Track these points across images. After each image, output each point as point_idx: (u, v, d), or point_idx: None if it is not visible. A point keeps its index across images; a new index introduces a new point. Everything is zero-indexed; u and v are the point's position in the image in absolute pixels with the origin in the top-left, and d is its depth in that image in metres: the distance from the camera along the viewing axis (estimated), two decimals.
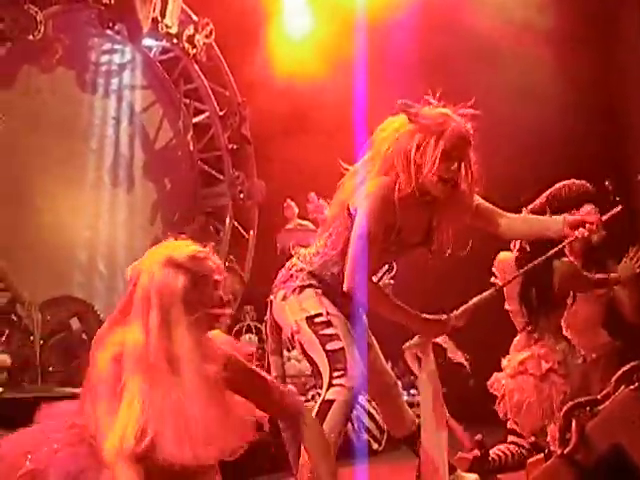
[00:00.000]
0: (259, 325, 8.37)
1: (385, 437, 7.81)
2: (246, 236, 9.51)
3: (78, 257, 8.21)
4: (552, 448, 5.20)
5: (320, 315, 4.23)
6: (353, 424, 6.56)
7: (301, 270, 4.38)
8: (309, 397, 7.64)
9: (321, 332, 4.21)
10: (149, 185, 9.21)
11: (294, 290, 4.35)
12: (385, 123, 4.33)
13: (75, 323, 7.52)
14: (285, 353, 8.16)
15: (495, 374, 6.33)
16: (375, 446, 7.56)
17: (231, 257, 9.25)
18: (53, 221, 7.96)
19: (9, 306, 7.19)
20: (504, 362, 6.37)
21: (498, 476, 5.92)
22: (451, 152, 4.11)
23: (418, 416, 4.72)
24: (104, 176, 8.67)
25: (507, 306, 6.46)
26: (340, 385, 4.11)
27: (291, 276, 4.40)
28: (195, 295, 3.32)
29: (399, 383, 4.88)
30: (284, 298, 4.38)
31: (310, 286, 4.33)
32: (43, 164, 7.94)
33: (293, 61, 9.44)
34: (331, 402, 4.11)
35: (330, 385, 4.13)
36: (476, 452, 5.90)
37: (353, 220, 4.26)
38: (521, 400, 6.02)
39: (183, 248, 3.55)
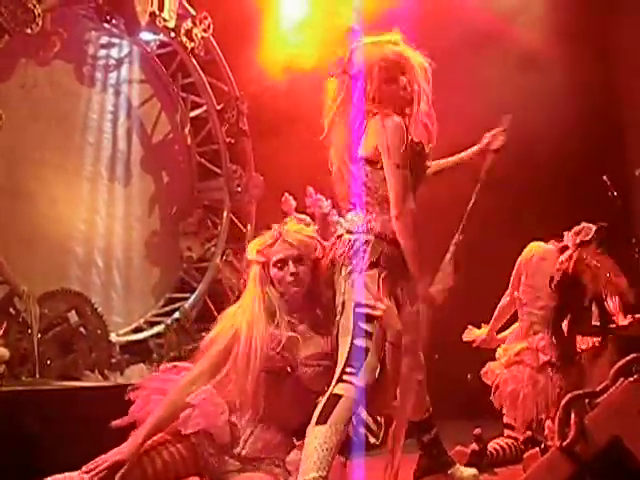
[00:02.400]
0: None
1: (383, 431, 7.82)
2: (243, 230, 9.51)
3: (75, 250, 8.21)
4: (548, 443, 5.22)
5: (368, 307, 4.20)
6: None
7: (367, 242, 4.32)
8: None
9: (360, 323, 4.19)
10: (146, 179, 9.20)
11: (366, 266, 4.29)
12: None
13: (73, 316, 7.52)
14: None
15: (489, 364, 6.34)
16: (372, 440, 7.56)
17: (228, 251, 9.25)
18: (51, 214, 7.96)
19: (7, 299, 7.18)
20: (499, 351, 6.37)
21: (495, 470, 5.94)
22: (388, 75, 4.42)
23: None
24: (101, 170, 8.66)
25: (516, 293, 6.48)
26: (350, 383, 4.11)
27: (356, 251, 4.33)
28: None
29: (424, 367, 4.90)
30: (350, 273, 4.31)
31: (380, 257, 4.27)
32: (41, 157, 7.93)
33: (291, 55, 9.43)
34: (339, 397, 4.11)
35: (340, 380, 4.13)
36: (474, 446, 5.92)
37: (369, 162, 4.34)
38: (516, 390, 6.04)
39: None
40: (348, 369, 4.15)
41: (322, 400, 4.17)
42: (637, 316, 5.96)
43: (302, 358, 4.15)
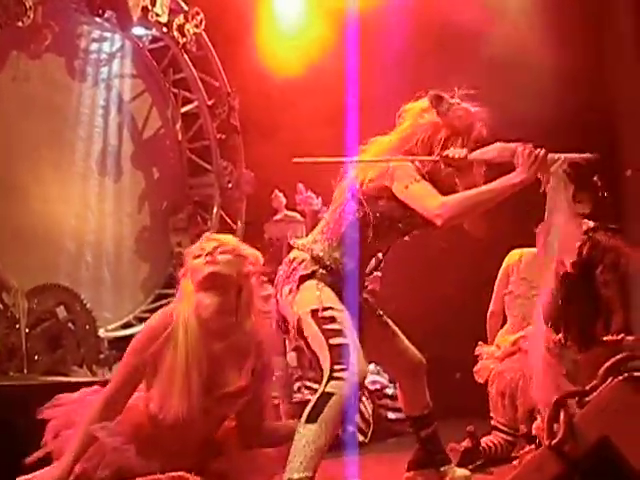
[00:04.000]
0: None
1: (371, 429, 7.82)
2: (234, 226, 9.49)
3: (65, 245, 8.18)
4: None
5: (325, 309, 4.26)
6: None
7: (302, 261, 4.43)
8: (295, 389, 7.64)
9: (325, 326, 4.23)
10: (137, 174, 9.18)
11: (299, 280, 4.38)
12: (410, 106, 4.61)
13: (62, 312, 7.50)
14: None
15: (481, 361, 6.33)
16: (361, 438, 7.56)
17: None
18: (41, 209, 7.93)
19: None
20: (492, 348, 6.35)
21: (491, 469, 5.94)
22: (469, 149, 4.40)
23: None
24: (92, 164, 8.63)
25: (505, 291, 6.48)
26: (341, 379, 4.11)
27: (294, 269, 4.44)
28: None
29: (424, 362, 4.93)
30: (290, 292, 4.40)
31: (313, 274, 4.38)
32: (31, 151, 7.90)
33: (284, 51, 9.43)
34: (330, 395, 4.10)
35: (331, 378, 4.13)
36: (467, 443, 5.92)
37: (357, 203, 4.41)
38: (514, 379, 6.02)
39: None
40: (337, 366, 4.15)
41: (313, 398, 4.17)
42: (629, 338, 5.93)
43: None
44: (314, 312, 4.27)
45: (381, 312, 4.81)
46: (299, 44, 9.52)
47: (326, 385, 4.14)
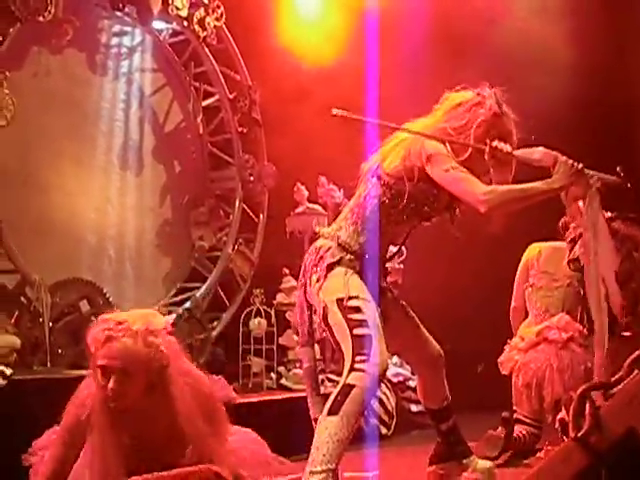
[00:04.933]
0: (268, 309, 8.37)
1: (394, 422, 7.82)
2: (255, 219, 9.49)
3: (87, 240, 8.20)
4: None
5: (350, 299, 4.27)
6: None
7: (329, 248, 4.44)
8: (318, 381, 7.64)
9: (350, 316, 4.25)
10: (158, 168, 9.19)
11: (327, 269, 4.39)
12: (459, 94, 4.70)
13: (84, 306, 7.53)
14: (295, 337, 8.22)
15: (505, 352, 6.30)
16: (384, 431, 7.57)
17: (240, 240, 9.24)
18: (63, 203, 7.95)
19: (19, 288, 7.18)
20: (515, 340, 6.34)
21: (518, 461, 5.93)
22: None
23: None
24: (113, 159, 8.65)
25: (526, 284, 6.47)
26: (362, 370, 4.12)
27: (321, 257, 4.45)
28: None
29: (442, 354, 4.94)
30: (317, 280, 4.42)
31: (341, 261, 4.39)
32: (53, 146, 7.93)
33: (305, 43, 9.43)
34: (352, 387, 4.12)
35: (352, 369, 4.15)
36: (502, 430, 5.93)
37: (385, 184, 4.42)
38: (541, 369, 6.00)
39: None
40: (358, 357, 4.16)
41: (335, 390, 4.18)
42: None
43: None
44: (340, 301, 4.29)
45: (404, 303, 4.82)
46: (319, 35, 9.51)
47: (347, 377, 4.15)
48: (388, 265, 4.88)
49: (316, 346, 5.02)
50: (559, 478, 2.15)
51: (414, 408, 7.98)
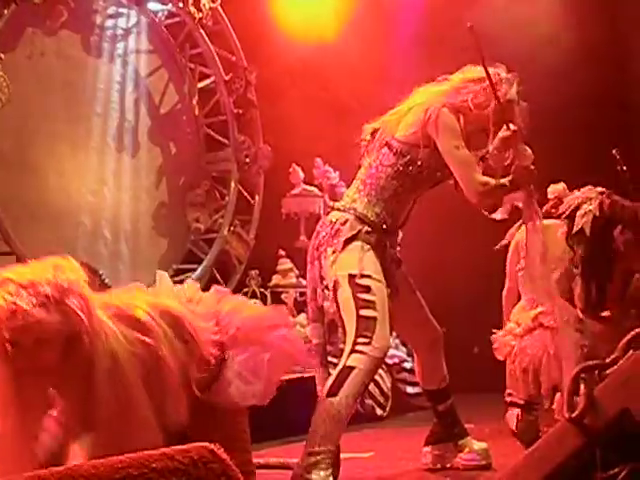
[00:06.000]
0: (264, 291, 8.38)
1: (390, 404, 7.84)
2: (251, 201, 9.49)
3: (83, 222, 8.20)
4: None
5: (362, 277, 4.26)
6: None
7: (346, 221, 4.42)
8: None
9: (359, 295, 4.25)
10: (154, 150, 9.18)
11: (344, 242, 4.38)
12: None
13: None
14: (291, 318, 8.23)
15: (499, 338, 6.30)
16: (379, 412, 7.58)
17: (236, 222, 9.24)
18: (58, 185, 7.95)
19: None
20: (510, 325, 6.33)
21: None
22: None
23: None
24: (109, 140, 8.63)
25: (518, 266, 6.46)
26: (362, 352, 4.13)
27: (337, 230, 4.43)
28: None
29: (442, 336, 4.96)
30: (333, 252, 4.40)
31: (358, 234, 4.38)
32: (48, 128, 7.92)
33: (301, 24, 9.40)
34: (352, 368, 4.13)
35: (352, 351, 4.15)
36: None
37: (398, 152, 4.42)
38: (537, 355, 5.99)
39: None
40: (360, 339, 4.17)
41: (334, 372, 4.19)
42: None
43: None
44: (352, 277, 4.29)
45: (411, 280, 4.82)
46: (315, 16, 9.48)
47: (348, 358, 4.16)
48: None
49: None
50: (554, 458, 2.16)
51: (409, 390, 8.00)
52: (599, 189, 5.65)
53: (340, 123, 8.05)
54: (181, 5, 8.88)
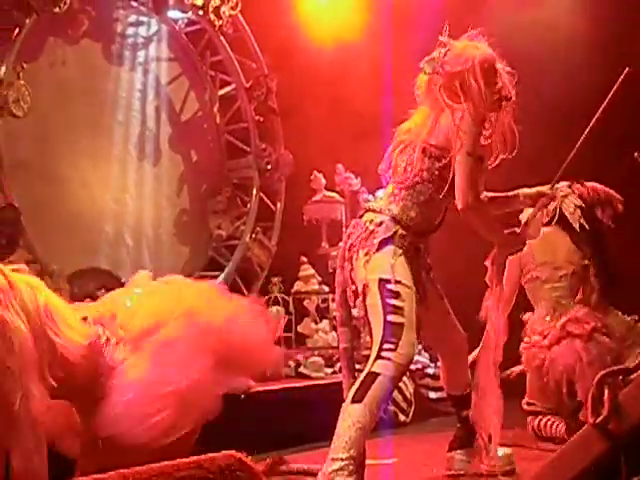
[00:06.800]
0: (286, 297, 8.38)
1: (412, 409, 7.81)
2: (273, 208, 9.50)
3: (105, 229, 8.23)
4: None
5: (393, 282, 4.24)
6: None
7: (381, 223, 4.40)
8: (336, 369, 7.64)
9: (387, 300, 4.23)
10: (175, 158, 9.21)
11: (379, 244, 4.36)
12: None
13: (102, 295, 7.54)
14: (312, 325, 8.24)
15: (527, 350, 6.23)
16: (402, 418, 7.55)
17: (258, 229, 9.25)
18: (81, 194, 7.98)
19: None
20: (535, 337, 6.26)
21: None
22: (488, 78, 4.38)
23: None
24: (131, 149, 8.67)
25: (533, 274, 6.41)
26: (388, 359, 4.11)
27: (372, 232, 4.40)
28: None
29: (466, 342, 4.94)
30: (366, 254, 4.38)
31: (393, 237, 4.36)
32: (70, 137, 7.95)
33: (321, 30, 9.41)
34: (376, 375, 4.11)
35: (378, 357, 4.14)
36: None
37: (431, 157, 4.40)
38: (569, 364, 5.96)
39: None
40: (385, 345, 4.15)
41: (360, 378, 4.18)
42: None
43: None
44: (382, 282, 4.27)
45: (439, 286, 4.80)
46: (335, 23, 9.49)
47: (372, 364, 4.15)
48: None
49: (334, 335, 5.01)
50: (578, 463, 2.15)
51: (432, 395, 7.97)
52: (564, 183, 5.76)
53: (361, 129, 8.05)
54: (201, 13, 8.90)
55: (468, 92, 4.35)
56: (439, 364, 5.15)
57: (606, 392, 2.20)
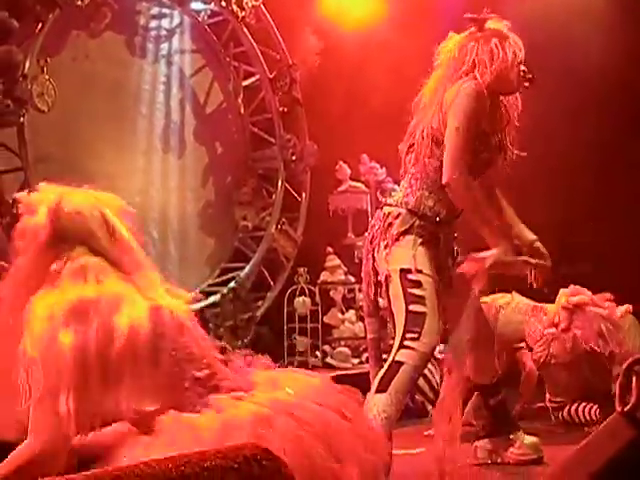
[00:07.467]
0: (312, 288, 8.38)
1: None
2: (298, 198, 9.48)
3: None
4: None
5: (414, 272, 4.24)
6: None
7: (398, 215, 4.40)
8: (363, 359, 7.65)
9: (409, 290, 4.24)
10: (200, 149, 9.21)
11: (396, 236, 4.36)
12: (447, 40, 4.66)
13: None
14: (339, 315, 8.23)
15: (555, 340, 6.19)
16: (429, 407, 7.54)
17: (283, 219, 9.24)
18: (105, 187, 7.91)
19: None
20: (550, 330, 6.22)
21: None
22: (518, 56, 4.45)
23: None
24: (155, 141, 8.68)
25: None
26: (411, 348, 4.11)
27: (390, 224, 4.42)
28: None
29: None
30: (386, 247, 4.39)
31: (411, 228, 4.35)
32: (95, 129, 7.96)
33: (345, 20, 9.38)
34: (400, 364, 4.11)
35: (401, 346, 4.14)
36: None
37: (440, 145, 4.38)
38: (597, 326, 5.94)
39: None
40: (409, 334, 4.16)
41: (384, 367, 4.17)
42: None
43: None
44: (403, 272, 4.27)
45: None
46: (360, 12, 9.46)
47: (396, 353, 4.15)
48: None
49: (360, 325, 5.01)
50: (606, 452, 2.13)
51: None
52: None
53: (386, 119, 8.02)
54: (224, 4, 8.89)
55: (481, 62, 4.39)
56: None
57: (634, 380, 2.17)
